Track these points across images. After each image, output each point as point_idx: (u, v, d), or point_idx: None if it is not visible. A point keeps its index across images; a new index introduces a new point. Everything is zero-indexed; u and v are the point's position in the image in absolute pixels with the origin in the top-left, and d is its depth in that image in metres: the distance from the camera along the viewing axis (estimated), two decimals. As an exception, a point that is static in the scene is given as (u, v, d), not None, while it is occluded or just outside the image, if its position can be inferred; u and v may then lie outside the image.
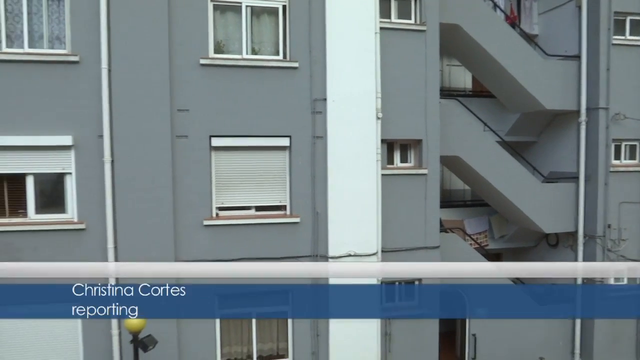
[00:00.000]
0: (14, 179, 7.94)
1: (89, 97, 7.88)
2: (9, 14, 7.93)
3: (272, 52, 8.66)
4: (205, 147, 8.28)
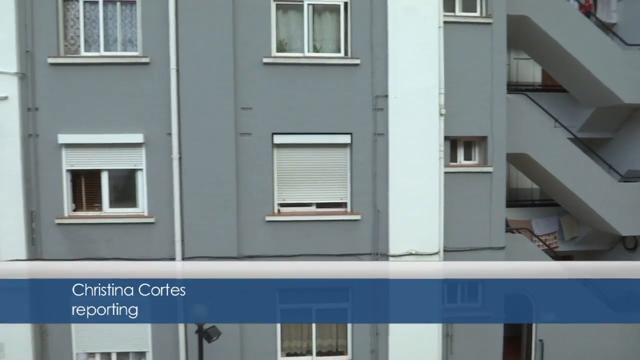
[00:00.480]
0: (90, 174, 8.47)
1: (158, 97, 8.25)
2: (87, 20, 8.44)
3: (333, 50, 8.67)
4: (268, 145, 8.44)
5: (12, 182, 8.18)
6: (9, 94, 8.09)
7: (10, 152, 8.13)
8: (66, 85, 8.24)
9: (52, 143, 8.24)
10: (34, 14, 8.17)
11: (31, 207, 8.29)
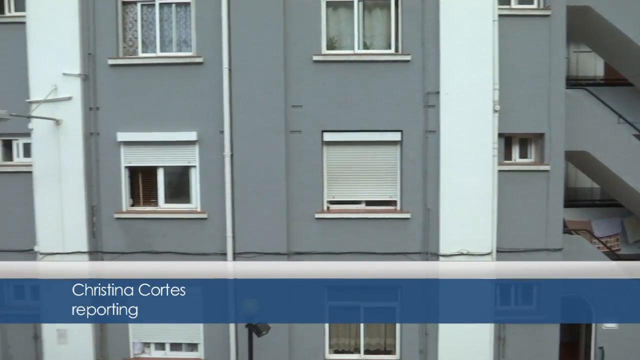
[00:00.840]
0: (147, 171, 8.80)
1: (211, 96, 8.45)
2: (144, 22, 8.75)
3: (383, 46, 8.58)
4: (318, 142, 8.47)
5: (75, 178, 8.62)
6: (72, 94, 8.52)
7: (74, 149, 8.58)
8: (125, 86, 8.59)
9: (112, 141, 8.62)
10: (96, 18, 8.56)
11: (92, 202, 8.71)
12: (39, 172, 8.64)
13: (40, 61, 8.52)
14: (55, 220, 8.64)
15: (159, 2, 8.64)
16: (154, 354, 9.02)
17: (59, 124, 8.51)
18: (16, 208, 8.99)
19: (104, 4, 8.55)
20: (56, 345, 8.86)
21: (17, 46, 8.70)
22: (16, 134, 8.94)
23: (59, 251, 8.68)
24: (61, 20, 8.49)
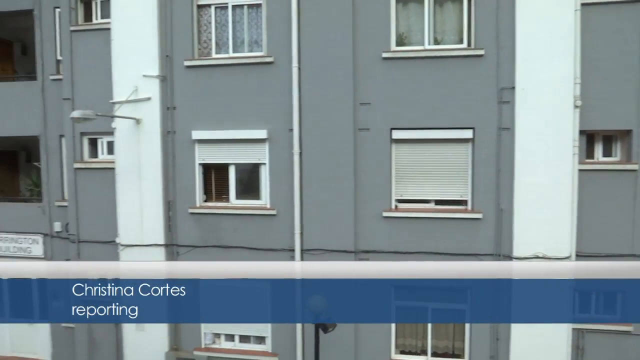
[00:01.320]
0: (220, 168, 9.09)
1: (281, 94, 8.59)
2: (218, 24, 9.04)
3: (455, 41, 8.33)
4: (386, 140, 8.38)
5: (153, 174, 9.08)
6: (151, 95, 8.97)
7: (152, 147, 9.03)
8: (199, 86, 8.93)
9: (187, 139, 8.99)
10: (173, 22, 8.96)
11: (168, 197, 9.13)
12: (121, 168, 9.18)
13: (123, 64, 9.05)
14: (135, 214, 9.14)
15: (231, 4, 8.89)
16: (224, 344, 9.32)
17: (139, 123, 8.99)
18: (101, 202, 9.62)
19: (181, 9, 8.93)
20: (135, 333, 9.38)
21: (102, 51, 9.29)
22: (101, 132, 9.57)
23: (137, 243, 9.17)
24: (142, 25, 8.96)
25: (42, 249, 10.72)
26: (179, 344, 9.38)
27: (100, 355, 9.96)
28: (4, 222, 10.86)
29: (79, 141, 9.77)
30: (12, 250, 10.93)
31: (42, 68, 10.34)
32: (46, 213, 10.54)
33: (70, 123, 9.45)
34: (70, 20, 9.63)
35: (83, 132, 9.71)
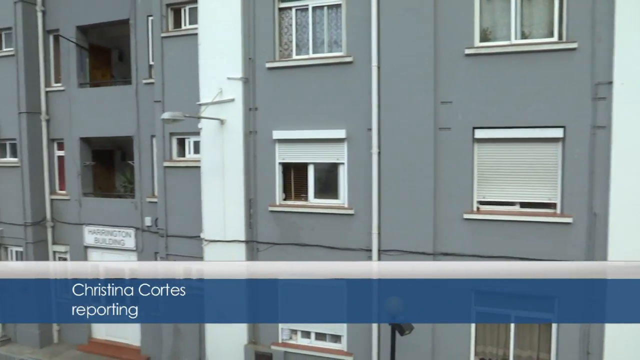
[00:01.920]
0: (299, 167, 9.25)
1: (360, 94, 8.58)
2: (298, 26, 9.21)
3: (544, 35, 7.87)
4: (468, 139, 8.10)
5: (236, 173, 9.42)
6: (235, 96, 9.31)
7: (235, 146, 9.37)
8: (280, 87, 9.14)
9: (268, 139, 9.24)
10: (256, 25, 9.24)
11: (250, 195, 9.43)
12: (206, 167, 9.61)
13: (209, 67, 9.47)
14: (218, 210, 9.54)
15: (311, 6, 9.02)
16: (300, 341, 9.47)
17: (223, 124, 9.37)
18: (187, 198, 10.15)
19: (263, 12, 9.19)
20: (216, 325, 9.77)
21: (190, 55, 9.80)
22: (188, 133, 10.09)
23: (220, 239, 9.56)
24: (226, 29, 9.33)
25: (134, 241, 11.49)
26: (257, 338, 9.66)
27: (184, 344, 10.50)
28: (102, 216, 11.79)
29: (168, 141, 10.37)
30: (108, 243, 11.82)
31: (136, 73, 11.10)
32: (138, 208, 11.29)
33: (160, 124, 10.07)
34: (162, 27, 10.24)
35: (172, 133, 10.30)
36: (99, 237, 11.86)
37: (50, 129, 12.33)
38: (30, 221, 12.19)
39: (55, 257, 12.58)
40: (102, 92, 11.90)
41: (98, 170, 12.72)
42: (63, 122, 12.09)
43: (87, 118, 11.78)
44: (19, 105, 11.97)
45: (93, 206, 11.96)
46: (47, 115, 12.24)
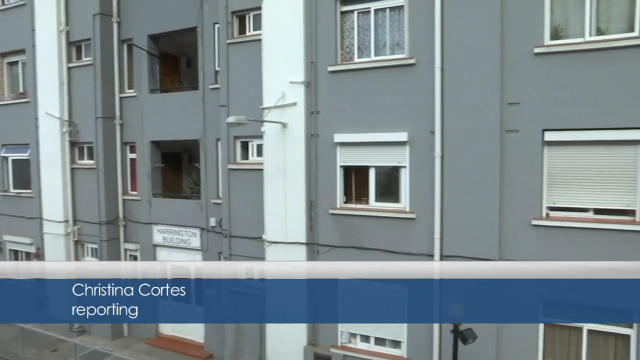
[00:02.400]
0: (360, 170, 9.22)
1: (422, 96, 8.44)
2: (360, 29, 9.20)
3: (624, 30, 7.39)
4: (537, 142, 7.74)
5: (297, 176, 9.54)
6: (297, 100, 9.44)
7: (297, 149, 9.49)
8: (341, 90, 9.17)
9: (329, 142, 9.29)
10: (318, 29, 9.33)
11: (311, 198, 9.52)
12: (268, 169, 9.80)
13: (272, 72, 9.67)
14: (280, 213, 9.69)
15: (374, 9, 8.99)
16: (359, 345, 9.43)
17: (285, 127, 9.52)
18: (250, 200, 10.39)
19: (325, 16, 9.27)
20: (276, 325, 9.92)
21: (254, 61, 10.05)
22: (252, 136, 10.33)
23: (282, 241, 9.71)
24: (289, 35, 9.49)
25: (199, 241, 11.91)
26: (316, 339, 9.71)
27: (246, 342, 10.73)
28: (170, 216, 12.30)
29: (232, 144, 10.67)
30: (175, 242, 12.32)
31: (202, 79, 11.51)
32: (203, 209, 11.69)
33: (225, 128, 10.38)
34: (227, 34, 10.56)
35: (236, 136, 10.58)
36: (167, 236, 12.38)
37: (123, 133, 13.02)
38: (105, 220, 12.91)
39: (126, 254, 13.26)
40: (171, 98, 12.43)
41: (167, 172, 13.29)
42: (135, 126, 12.75)
43: (157, 122, 12.35)
44: (96, 110, 12.73)
45: (162, 206, 12.51)
46: (120, 120, 12.95)
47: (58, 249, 13.61)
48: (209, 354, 11.79)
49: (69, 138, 13.29)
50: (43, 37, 13.39)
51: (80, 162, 13.53)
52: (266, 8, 9.69)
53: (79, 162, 13.53)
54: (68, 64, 13.21)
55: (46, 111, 13.38)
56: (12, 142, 14.76)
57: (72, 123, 13.24)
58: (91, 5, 12.59)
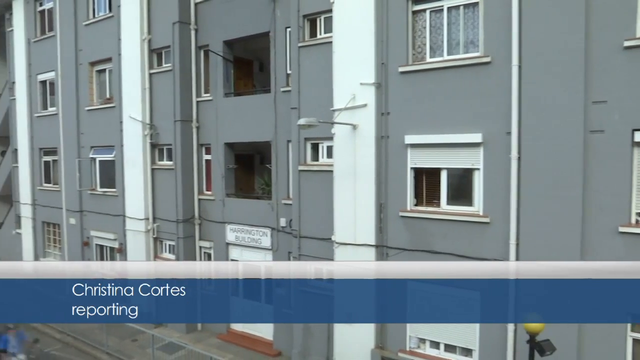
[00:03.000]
0: (431, 172, 9.04)
1: (498, 96, 8.14)
2: (432, 28, 9.03)
3: None
4: (626, 143, 7.20)
5: (367, 177, 9.51)
6: (367, 101, 9.42)
7: (366, 151, 9.47)
8: (413, 91, 9.04)
9: (400, 143, 9.18)
10: (389, 30, 9.26)
11: (380, 200, 9.45)
12: (338, 171, 9.85)
13: (342, 74, 9.72)
14: (349, 214, 9.71)
15: (446, 6, 8.79)
16: (428, 351, 9.23)
17: (355, 129, 9.53)
18: (320, 201, 10.49)
19: (396, 17, 9.18)
20: (344, 325, 9.94)
21: (324, 63, 10.15)
22: (322, 138, 10.44)
23: (351, 242, 9.72)
24: (360, 36, 9.50)
25: (269, 241, 12.17)
26: (384, 343, 9.62)
27: (313, 342, 10.83)
28: (242, 216, 12.68)
29: (303, 146, 10.83)
30: (247, 241, 12.67)
31: (274, 82, 11.78)
32: (274, 209, 11.94)
33: (296, 129, 10.56)
34: (299, 38, 10.74)
35: (307, 138, 10.73)
36: (239, 235, 12.77)
37: (199, 135, 13.59)
38: (182, 218, 13.53)
39: (201, 251, 13.82)
40: (244, 101, 12.83)
41: (239, 173, 13.70)
42: (210, 128, 13.26)
43: (231, 125, 12.79)
44: (175, 114, 13.38)
45: (234, 206, 12.92)
46: (197, 122, 13.53)
47: (139, 245, 14.44)
48: (277, 352, 12.01)
49: (149, 140, 14.09)
50: (128, 45, 14.30)
51: (160, 162, 14.28)
52: (337, 10, 9.76)
53: (158, 163, 14.29)
54: (150, 70, 14.01)
55: (130, 115, 14.26)
56: (99, 144, 15.85)
57: (152, 126, 14.02)
58: (171, 14, 13.27)
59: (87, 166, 16.10)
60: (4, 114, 20.65)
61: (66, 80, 16.60)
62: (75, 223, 16.68)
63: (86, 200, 16.30)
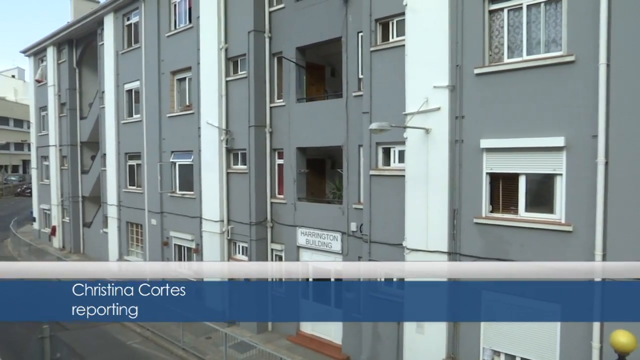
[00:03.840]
0: (508, 178, 8.67)
1: (582, 97, 7.68)
2: (510, 27, 8.68)
3: None
4: None
5: (440, 182, 9.29)
6: (440, 105, 9.22)
7: (439, 155, 9.26)
8: (489, 93, 8.74)
9: (475, 147, 8.88)
10: (464, 31, 9.02)
11: (454, 206, 9.19)
12: (410, 176, 9.70)
13: (415, 77, 9.59)
14: (421, 220, 9.53)
15: (526, 4, 8.43)
16: (503, 364, 8.84)
17: (428, 133, 9.35)
18: (391, 206, 10.38)
19: (472, 17, 8.93)
20: (414, 334, 9.76)
21: (396, 67, 10.06)
22: (394, 142, 10.33)
23: (422, 248, 9.53)
24: (434, 38, 9.33)
25: (340, 245, 12.21)
26: (456, 354, 9.32)
27: (382, 348, 10.71)
28: (313, 219, 12.82)
29: (374, 150, 10.78)
30: (317, 245, 12.79)
31: (346, 86, 11.84)
32: (345, 214, 11.97)
33: (368, 134, 10.53)
34: (370, 42, 10.73)
35: (378, 142, 10.67)
36: (310, 239, 12.91)
37: (272, 140, 13.93)
38: (255, 221, 13.91)
39: (272, 254, 14.12)
40: (316, 106, 12.98)
41: (311, 177, 13.88)
42: (283, 133, 13.55)
43: (303, 130, 12.99)
44: (249, 119, 13.81)
45: (306, 210, 13.09)
46: (270, 128, 13.88)
47: (214, 246, 15.01)
48: (346, 356, 12.00)
49: (225, 145, 14.63)
50: (206, 54, 14.98)
51: (235, 167, 14.79)
52: (410, 13, 9.65)
53: (233, 167, 14.80)
54: (226, 78, 14.57)
55: (207, 121, 14.90)
56: (179, 149, 16.70)
57: (228, 131, 14.55)
58: (246, 23, 13.74)
59: (168, 170, 17.02)
60: (95, 121, 22.36)
61: (149, 89, 17.68)
62: (156, 224, 17.66)
63: (166, 202, 17.22)
